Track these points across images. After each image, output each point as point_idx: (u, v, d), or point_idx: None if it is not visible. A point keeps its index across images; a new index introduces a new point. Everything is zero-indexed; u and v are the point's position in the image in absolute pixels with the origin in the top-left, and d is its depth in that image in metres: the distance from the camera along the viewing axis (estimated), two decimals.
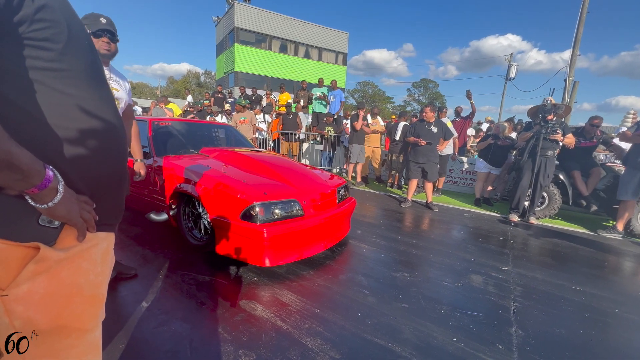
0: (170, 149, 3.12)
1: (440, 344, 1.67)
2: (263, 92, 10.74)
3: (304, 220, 2.36)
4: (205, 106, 9.25)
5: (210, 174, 2.45)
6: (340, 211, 2.73)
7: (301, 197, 2.44)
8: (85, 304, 0.67)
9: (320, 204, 2.57)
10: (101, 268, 0.72)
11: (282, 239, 2.20)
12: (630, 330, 1.93)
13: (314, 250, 2.48)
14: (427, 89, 46.53)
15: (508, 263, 2.82)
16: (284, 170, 2.82)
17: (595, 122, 4.36)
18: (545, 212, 4.50)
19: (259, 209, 2.16)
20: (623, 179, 3.76)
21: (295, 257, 2.34)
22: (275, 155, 3.56)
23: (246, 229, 2.12)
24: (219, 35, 21.06)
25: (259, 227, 2.11)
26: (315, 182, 2.77)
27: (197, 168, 2.59)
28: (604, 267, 2.91)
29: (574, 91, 11.67)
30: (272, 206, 2.23)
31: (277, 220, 2.22)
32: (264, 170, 2.73)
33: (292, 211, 2.34)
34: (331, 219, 2.59)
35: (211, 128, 4.28)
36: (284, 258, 2.27)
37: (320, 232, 2.51)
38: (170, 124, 3.53)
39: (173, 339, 1.58)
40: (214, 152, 3.11)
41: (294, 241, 2.31)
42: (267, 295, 2.05)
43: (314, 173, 3.02)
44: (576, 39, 10.92)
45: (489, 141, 5.24)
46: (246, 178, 2.47)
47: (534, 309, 2.07)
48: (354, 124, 5.88)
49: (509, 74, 19.50)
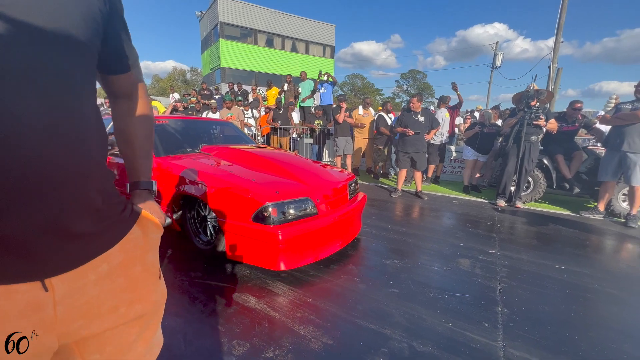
0: (170, 149, 2.95)
1: (429, 325, 1.72)
2: (249, 88, 10.62)
3: (318, 219, 2.24)
4: (192, 103, 9.11)
5: (215, 174, 2.33)
6: (353, 207, 2.61)
7: (314, 194, 2.31)
8: None
9: (333, 201, 2.45)
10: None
11: (297, 240, 2.08)
12: (608, 304, 2.02)
13: (330, 251, 2.35)
14: (415, 79, 46.68)
15: (495, 246, 2.90)
16: (292, 166, 2.68)
17: (577, 107, 4.47)
18: (530, 196, 4.62)
19: (271, 210, 2.02)
20: (603, 161, 3.88)
21: (311, 259, 2.21)
22: (281, 151, 3.44)
23: (259, 232, 2.01)
24: (204, 30, 20.64)
25: (272, 230, 1.98)
26: (326, 178, 2.64)
27: (200, 168, 2.45)
28: (585, 246, 3.02)
29: (558, 77, 11.88)
30: (285, 206, 2.10)
31: (290, 221, 2.09)
32: (272, 168, 2.60)
33: (306, 210, 2.21)
34: (345, 216, 2.46)
35: (210, 125, 4.09)
36: (300, 261, 2.14)
37: (335, 231, 2.39)
38: (168, 121, 3.36)
39: (166, 333, 1.58)
40: (216, 151, 2.97)
41: (310, 242, 2.19)
42: (260, 287, 2.07)
43: (323, 168, 2.91)
44: (559, 26, 11.08)
45: (476, 129, 5.33)
46: (254, 177, 2.33)
47: (518, 288, 2.14)
48: (336, 117, 5.90)
49: (495, 63, 19.65)
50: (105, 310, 0.60)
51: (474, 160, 5.43)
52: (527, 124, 4.10)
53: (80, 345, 0.59)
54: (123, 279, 0.63)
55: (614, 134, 3.77)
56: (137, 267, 0.66)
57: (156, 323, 0.73)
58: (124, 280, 0.63)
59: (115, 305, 0.61)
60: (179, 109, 9.04)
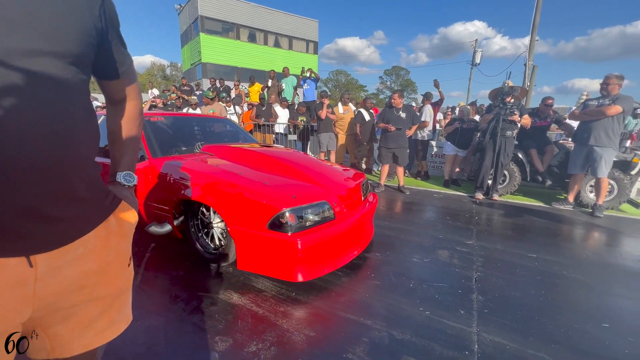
0: (168, 149, 2.72)
1: (409, 314, 1.78)
2: (232, 84, 10.45)
3: (336, 224, 2.08)
4: (173, 99, 8.88)
5: (223, 177, 2.14)
6: (368, 210, 2.49)
7: (330, 197, 2.15)
8: None
9: (349, 204, 2.30)
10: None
11: (316, 249, 1.92)
12: (574, 289, 2.16)
13: (348, 258, 2.19)
14: (398, 76, 47.24)
15: (472, 237, 3.02)
16: (302, 167, 2.50)
17: (548, 103, 4.68)
18: (506, 189, 4.82)
19: (289, 216, 1.86)
20: (572, 155, 4.09)
21: (330, 268, 2.04)
22: (287, 150, 3.26)
23: (276, 241, 1.85)
24: (183, 24, 20.08)
25: (291, 238, 1.82)
26: (339, 178, 2.49)
27: (205, 170, 2.26)
28: (556, 235, 3.19)
29: (534, 75, 12.35)
30: (303, 211, 1.93)
31: (308, 228, 1.93)
32: (282, 168, 2.42)
33: (324, 215, 2.04)
34: (361, 219, 2.33)
35: (208, 122, 3.81)
36: (318, 271, 1.98)
37: (352, 237, 2.25)
38: (163, 119, 3.12)
39: (147, 333, 1.58)
40: (219, 150, 2.76)
41: (328, 250, 2.04)
42: (243, 283, 2.07)
43: (332, 167, 2.78)
44: (534, 25, 11.48)
45: (456, 125, 5.49)
46: (266, 179, 2.16)
47: (493, 277, 2.25)
48: (319, 113, 5.90)
49: (475, 60, 20.20)
50: (73, 288, 0.66)
51: (454, 155, 5.59)
52: (503, 119, 4.26)
53: (44, 317, 0.65)
54: (95, 263, 0.69)
55: (581, 129, 3.97)
56: (111, 253, 0.72)
57: (121, 303, 0.79)
58: (96, 263, 0.69)
59: (82, 285, 0.67)
60: (157, 105, 8.79)
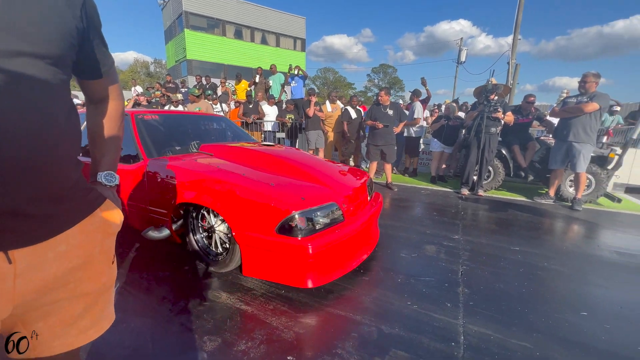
0: (164, 149, 2.58)
1: (397, 308, 1.81)
2: (218, 81, 10.29)
3: (346, 226, 2.00)
4: (157, 97, 8.67)
5: (226, 179, 2.02)
6: (375, 211, 2.40)
7: (338, 198, 2.07)
8: None
9: (356, 204, 2.23)
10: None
11: (327, 253, 1.85)
12: (555, 279, 2.24)
13: (357, 262, 2.12)
14: (386, 74, 47.57)
15: (458, 232, 3.08)
16: (306, 166, 2.41)
17: (530, 100, 4.81)
18: (491, 184, 4.94)
19: (299, 219, 1.78)
20: (553, 151, 4.23)
21: (340, 273, 1.97)
22: (288, 148, 3.15)
23: (285, 246, 1.77)
24: (167, 20, 19.60)
25: (302, 243, 1.75)
26: (344, 178, 2.43)
27: (206, 171, 2.14)
28: (538, 229, 3.30)
29: (516, 73, 12.65)
30: (313, 214, 1.85)
31: (319, 231, 1.85)
32: (285, 168, 2.33)
33: (334, 217, 1.97)
34: (370, 220, 2.25)
35: (203, 120, 3.65)
36: (329, 276, 1.90)
37: (361, 239, 2.19)
38: (158, 117, 2.95)
39: (133, 335, 1.54)
40: (218, 150, 2.63)
41: (339, 254, 1.97)
42: (231, 282, 2.05)
43: (337, 166, 2.70)
44: (516, 24, 11.75)
45: (442, 122, 5.58)
46: (271, 180, 2.06)
47: (478, 270, 2.30)
48: (306, 111, 5.88)
49: (460, 58, 20.55)
50: (57, 285, 0.66)
51: (441, 152, 5.69)
52: (487, 117, 4.35)
53: (25, 314, 0.64)
54: (79, 259, 0.69)
55: (561, 125, 4.11)
56: (95, 250, 0.73)
57: (105, 301, 0.79)
58: (80, 260, 0.69)
59: (66, 281, 0.67)
60: (141, 103, 8.57)
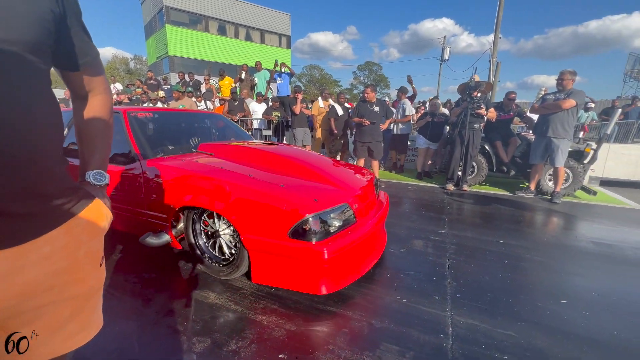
0: (161, 149, 2.44)
1: (387, 302, 1.83)
2: (201, 78, 10.08)
3: (358, 228, 1.91)
4: (138, 94, 8.40)
5: (232, 180, 1.90)
6: (384, 210, 2.33)
7: (349, 198, 1.98)
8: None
9: (366, 205, 2.14)
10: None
11: (342, 257, 1.76)
12: (537, 270, 2.32)
13: (369, 265, 2.04)
14: (371, 71, 47.82)
15: (444, 226, 3.14)
16: (312, 165, 2.30)
17: (511, 97, 4.96)
18: (475, 179, 5.06)
19: (312, 222, 1.69)
20: (533, 146, 4.37)
21: (353, 278, 1.87)
22: (291, 147, 3.03)
23: (299, 251, 1.67)
24: (147, 15, 18.98)
25: (316, 247, 1.65)
26: (351, 177, 2.34)
27: (209, 172, 2.01)
28: (520, 221, 3.41)
29: (497, 71, 13.00)
30: (327, 216, 1.77)
31: (333, 234, 1.77)
32: (291, 168, 2.22)
33: (346, 219, 1.88)
34: (380, 220, 2.18)
35: (200, 118, 3.49)
36: (343, 282, 1.81)
37: (373, 241, 2.11)
38: (152, 114, 2.79)
39: (118, 339, 1.50)
40: (218, 149, 2.49)
41: (353, 257, 1.88)
42: (220, 281, 2.02)
43: (341, 165, 2.62)
44: (497, 23, 12.06)
45: (427, 119, 5.66)
46: (279, 181, 1.95)
47: (464, 263, 2.36)
48: (293, 108, 5.83)
49: (444, 56, 20.92)
50: (41, 289, 0.62)
51: (426, 148, 5.78)
52: (470, 113, 4.45)
53: (6, 320, 0.61)
54: (65, 262, 0.65)
55: (540, 121, 4.25)
56: (81, 251, 0.69)
57: (93, 305, 0.76)
58: (65, 262, 0.65)
59: (51, 285, 0.63)
60: (122, 101, 8.30)
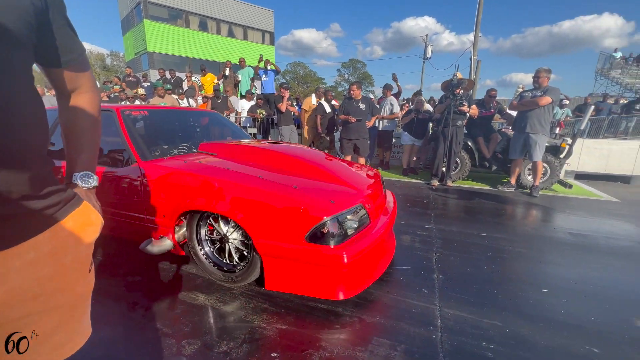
0: (159, 150, 2.31)
1: (376, 297, 1.85)
2: (183, 75, 9.83)
3: (372, 229, 1.84)
4: (116, 92, 8.10)
5: (241, 182, 1.79)
6: (394, 209, 2.27)
7: (362, 198, 1.90)
8: None
9: (377, 204, 2.07)
10: None
11: (360, 261, 1.67)
12: (518, 261, 2.41)
13: (384, 267, 1.97)
14: (356, 69, 48.03)
15: (431, 221, 3.21)
16: (323, 165, 2.21)
17: (492, 94, 5.10)
18: (459, 175, 5.19)
19: (330, 225, 1.61)
20: (512, 142, 4.52)
21: (370, 282, 1.80)
22: (295, 145, 2.92)
23: (317, 255, 1.58)
24: (123, 9, 18.32)
25: (335, 251, 1.57)
26: (361, 176, 2.27)
27: (215, 174, 1.88)
28: (501, 215, 3.53)
29: (478, 69, 13.34)
30: (344, 218, 1.69)
31: (350, 237, 1.69)
32: (300, 168, 2.12)
33: (362, 220, 1.81)
34: (391, 220, 2.11)
35: (196, 116, 3.35)
36: (360, 286, 1.73)
37: (385, 241, 2.04)
38: (147, 113, 2.62)
39: (104, 345, 1.44)
40: (220, 149, 2.35)
41: (370, 260, 1.81)
42: (209, 282, 1.99)
43: (346, 163, 2.56)
44: (477, 22, 12.36)
45: (412, 116, 5.75)
46: (291, 182, 1.85)
47: (451, 256, 2.42)
48: (279, 106, 5.74)
49: (426, 54, 21.26)
50: (25, 297, 0.59)
51: (411, 145, 5.87)
52: (453, 110, 4.55)
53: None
54: (50, 268, 0.62)
55: (519, 118, 4.40)
56: (68, 257, 0.65)
57: (81, 314, 0.72)
58: (51, 269, 0.62)
59: (37, 293, 0.60)
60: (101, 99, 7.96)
